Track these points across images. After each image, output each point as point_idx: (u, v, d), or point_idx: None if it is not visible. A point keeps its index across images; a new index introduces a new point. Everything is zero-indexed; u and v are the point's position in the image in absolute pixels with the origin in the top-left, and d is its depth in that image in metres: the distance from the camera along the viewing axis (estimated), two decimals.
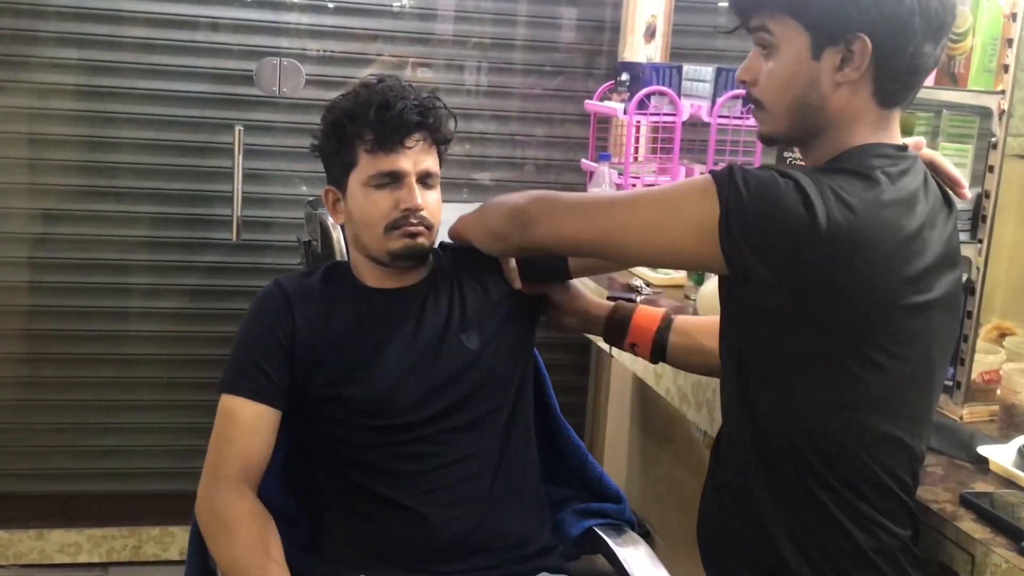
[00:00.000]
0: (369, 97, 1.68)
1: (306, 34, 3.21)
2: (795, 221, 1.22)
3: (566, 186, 3.38)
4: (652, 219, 1.35)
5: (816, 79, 1.31)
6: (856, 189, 1.25)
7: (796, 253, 1.23)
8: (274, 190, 3.25)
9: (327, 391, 1.69)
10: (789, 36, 1.31)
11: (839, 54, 1.29)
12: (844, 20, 1.27)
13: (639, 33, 3.21)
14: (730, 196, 1.25)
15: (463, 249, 1.80)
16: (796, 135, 1.38)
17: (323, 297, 1.74)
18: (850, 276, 1.24)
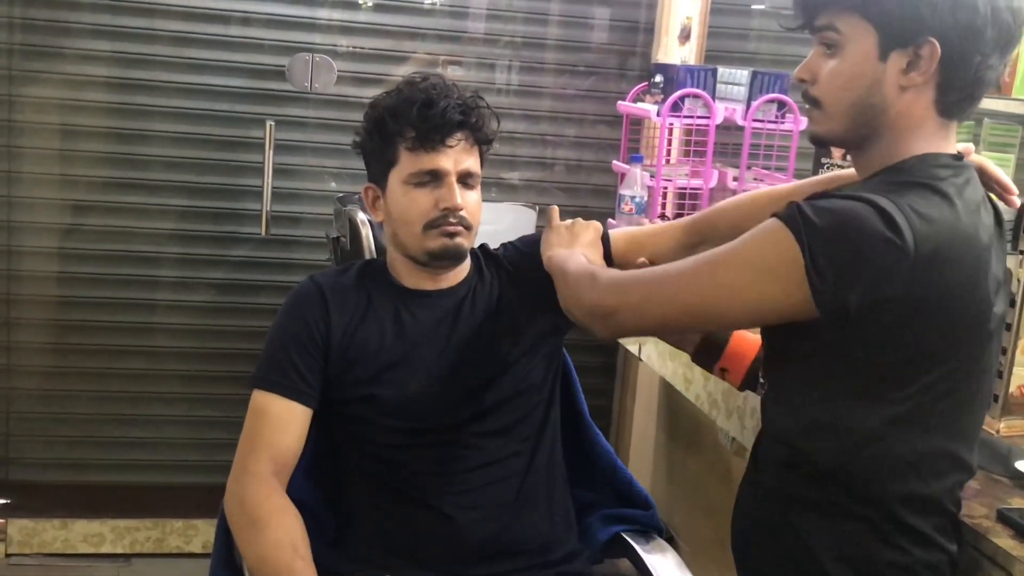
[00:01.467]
0: (412, 95, 1.67)
1: (338, 30, 3.21)
2: (883, 245, 1.18)
3: (596, 188, 3.37)
4: (733, 280, 1.28)
5: (880, 80, 1.28)
6: (932, 204, 1.22)
7: (888, 277, 1.19)
8: (304, 186, 3.24)
9: (358, 391, 1.68)
10: (857, 35, 1.28)
11: (906, 57, 1.26)
12: (916, 22, 1.24)
13: (673, 35, 3.19)
14: (806, 231, 1.20)
15: (502, 253, 1.79)
16: (851, 138, 1.35)
17: (358, 296, 1.73)
18: (939, 295, 1.21)
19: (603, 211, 3.15)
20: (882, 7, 1.26)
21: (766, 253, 1.24)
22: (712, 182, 2.79)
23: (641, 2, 3.31)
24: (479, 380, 1.69)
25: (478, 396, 1.69)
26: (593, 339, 2.97)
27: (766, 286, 1.24)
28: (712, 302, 1.30)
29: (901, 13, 1.24)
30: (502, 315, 1.74)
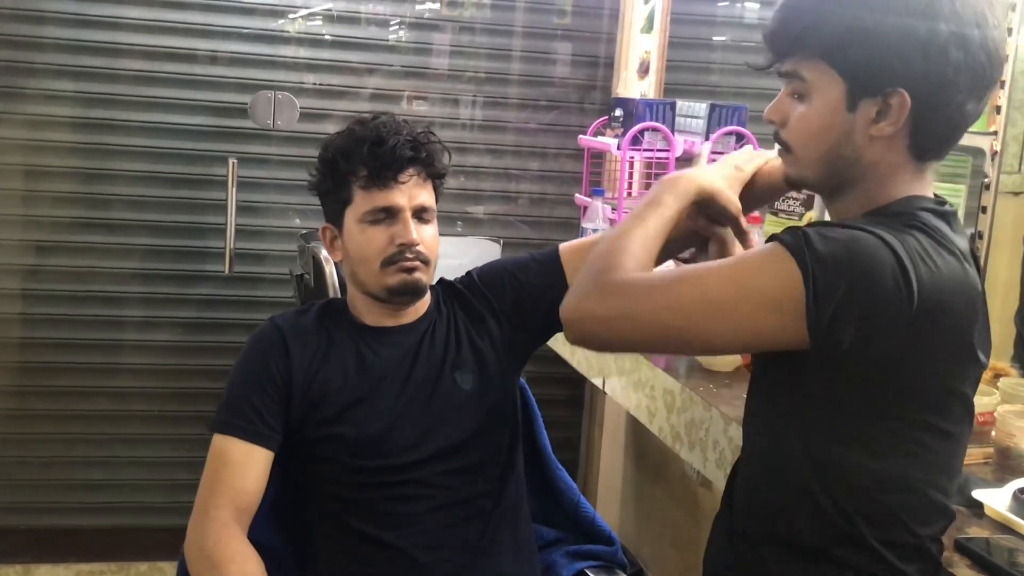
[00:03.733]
0: (362, 134, 1.69)
1: (302, 67, 3.22)
2: (891, 288, 1.13)
3: (560, 221, 3.39)
4: (728, 305, 1.19)
5: (850, 131, 1.23)
6: (935, 251, 1.18)
7: (889, 324, 1.14)
8: (268, 223, 3.25)
9: (320, 431, 1.68)
10: (824, 84, 1.23)
11: (875, 107, 1.21)
12: (884, 73, 1.19)
13: (633, 69, 3.23)
14: (812, 263, 1.13)
15: (460, 286, 1.80)
16: (825, 185, 1.30)
17: (319, 336, 1.73)
18: (939, 342, 1.18)
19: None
20: (849, 57, 1.20)
21: (766, 282, 1.17)
22: None
23: (601, 37, 3.36)
24: (439, 415, 1.69)
25: (439, 433, 1.69)
26: (559, 371, 2.98)
27: (764, 316, 1.17)
28: (700, 324, 1.21)
29: (869, 63, 1.19)
30: (462, 349, 1.75)
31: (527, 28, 3.37)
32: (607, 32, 3.34)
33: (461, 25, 3.34)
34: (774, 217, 2.12)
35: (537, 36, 3.38)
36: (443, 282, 1.83)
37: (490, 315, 1.76)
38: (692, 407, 2.02)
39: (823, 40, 1.21)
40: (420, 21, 3.32)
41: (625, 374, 2.33)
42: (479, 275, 1.82)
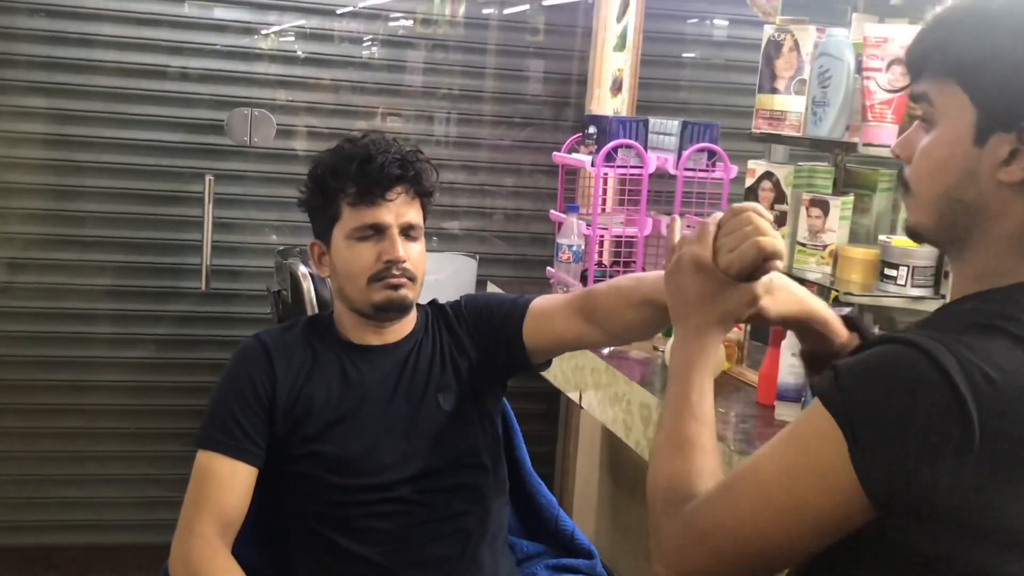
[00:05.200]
0: (352, 151, 1.71)
1: (277, 84, 3.24)
2: (938, 419, 0.91)
3: (535, 236, 3.42)
4: (780, 493, 1.00)
5: (975, 170, 1.01)
6: (1006, 354, 0.94)
7: (954, 459, 0.92)
8: (244, 239, 3.25)
9: (305, 448, 1.69)
10: (952, 109, 1.02)
11: (1009, 145, 0.98)
12: (1022, 101, 0.98)
13: (606, 86, 3.27)
14: (846, 406, 0.94)
15: (448, 309, 1.82)
16: (943, 237, 1.07)
17: (304, 352, 1.74)
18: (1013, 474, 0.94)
19: (542, 259, 3.21)
20: (983, 79, 1.00)
21: (813, 452, 0.97)
22: (647, 230, 2.85)
23: (574, 55, 3.40)
24: (422, 435, 1.71)
25: (421, 453, 1.70)
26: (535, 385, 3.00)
27: (823, 496, 0.96)
28: (775, 534, 1.00)
29: (1005, 88, 0.98)
30: (446, 370, 1.76)
31: (500, 46, 3.41)
32: (580, 50, 3.38)
33: (435, 42, 3.37)
34: None
35: (511, 54, 3.41)
36: (434, 304, 1.85)
37: (468, 340, 1.79)
38: None
39: (956, 57, 1.02)
40: (394, 38, 3.35)
41: (602, 388, 2.36)
42: (466, 301, 1.84)
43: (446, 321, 1.81)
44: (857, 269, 1.96)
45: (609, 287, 1.70)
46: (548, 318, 1.74)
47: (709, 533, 1.04)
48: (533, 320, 1.75)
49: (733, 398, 2.13)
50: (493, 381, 1.80)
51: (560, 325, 1.73)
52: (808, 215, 2.01)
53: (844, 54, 1.94)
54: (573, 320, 1.71)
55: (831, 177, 2.13)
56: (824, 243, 1.99)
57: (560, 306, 1.75)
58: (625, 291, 1.66)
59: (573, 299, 1.74)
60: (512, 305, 1.79)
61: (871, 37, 1.89)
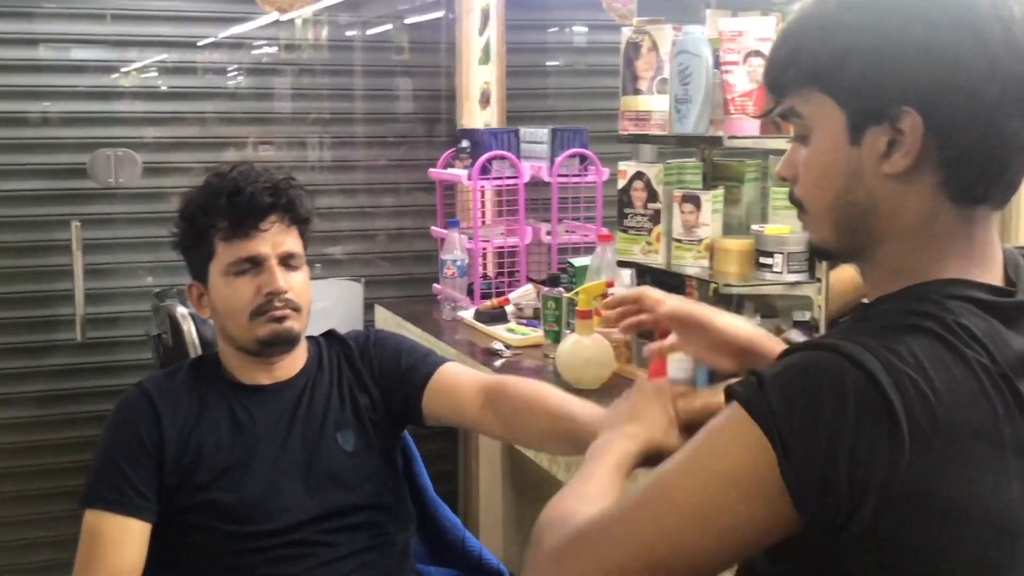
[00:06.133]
0: (220, 185, 1.66)
1: (142, 122, 3.15)
2: (870, 430, 0.87)
3: (419, 254, 3.40)
4: (698, 502, 0.94)
5: (858, 170, 0.98)
6: (932, 361, 0.90)
7: (883, 469, 0.88)
8: (118, 284, 3.15)
9: (195, 498, 1.62)
10: (821, 117, 0.99)
11: (884, 136, 0.95)
12: (887, 91, 0.94)
13: (475, 100, 3.27)
14: (775, 414, 0.89)
15: (351, 341, 1.78)
16: (847, 247, 1.03)
17: (190, 397, 1.68)
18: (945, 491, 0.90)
19: (428, 277, 3.19)
20: (843, 77, 0.97)
21: (734, 460, 0.92)
22: (527, 238, 2.87)
23: (440, 71, 3.40)
24: (320, 476, 1.67)
25: (321, 494, 1.66)
26: None
27: (742, 504, 0.91)
28: (680, 544, 0.94)
29: (866, 80, 0.96)
30: (345, 407, 1.72)
31: (367, 66, 3.38)
32: (446, 65, 3.38)
33: (301, 67, 3.33)
34: (624, 234, 2.18)
35: (378, 74, 3.40)
36: (332, 335, 1.81)
37: (371, 378, 1.75)
38: None
39: (810, 64, 0.99)
40: (259, 66, 3.30)
41: None
42: (376, 338, 1.80)
43: (346, 354, 1.77)
44: (733, 260, 1.99)
45: (531, 389, 1.65)
46: (453, 392, 1.71)
47: (595, 548, 0.97)
48: (437, 387, 1.71)
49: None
50: (392, 423, 1.77)
51: (463, 403, 1.69)
52: (681, 211, 2.04)
53: (702, 50, 1.98)
54: (478, 404, 1.67)
55: (700, 172, 2.17)
56: (699, 237, 2.02)
57: (469, 384, 1.70)
58: (546, 401, 1.61)
59: (486, 384, 1.70)
60: (421, 362, 1.75)
61: (726, 31, 1.94)
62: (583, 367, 2.18)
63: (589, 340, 2.18)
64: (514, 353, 2.50)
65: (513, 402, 1.64)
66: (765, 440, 0.89)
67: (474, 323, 2.73)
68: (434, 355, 1.78)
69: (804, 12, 1.01)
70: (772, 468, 0.89)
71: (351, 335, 1.82)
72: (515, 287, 2.85)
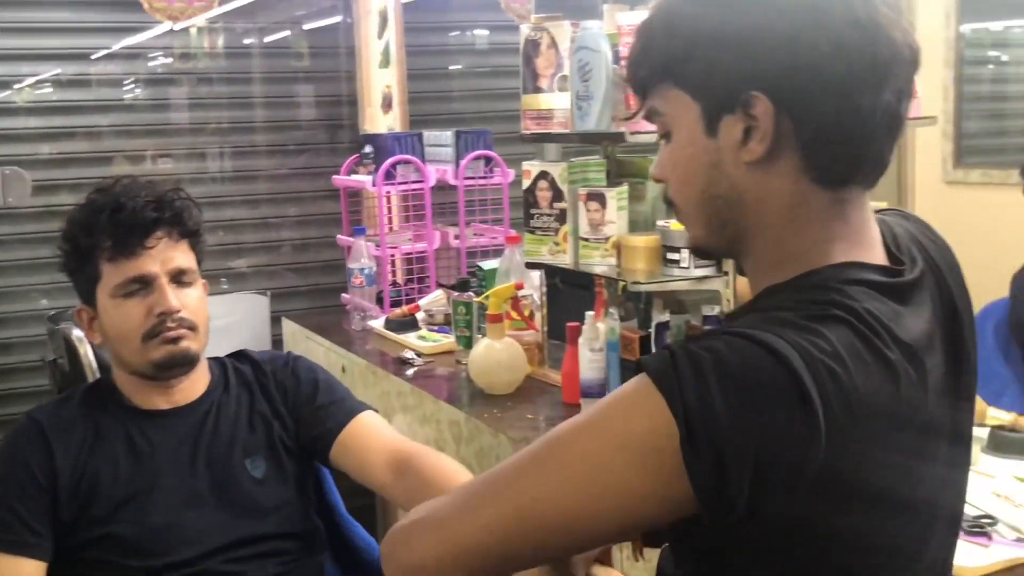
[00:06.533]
0: (102, 202, 1.58)
1: (32, 138, 3.04)
2: (785, 429, 0.85)
3: (326, 264, 3.33)
4: (587, 468, 0.89)
5: (717, 161, 0.96)
6: (851, 354, 0.88)
7: (794, 473, 0.86)
8: (11, 308, 3.03)
9: (94, 532, 1.53)
10: (679, 111, 0.98)
11: (740, 124, 0.94)
12: (735, 77, 0.93)
13: (377, 104, 3.22)
14: (684, 393, 0.85)
15: (265, 364, 1.70)
16: (722, 244, 1.02)
17: (85, 426, 1.59)
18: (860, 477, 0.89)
19: (336, 287, 3.13)
20: (692, 67, 0.96)
21: (635, 428, 0.87)
22: (436, 243, 2.82)
23: (341, 76, 3.34)
24: (229, 505, 1.59)
25: (230, 523, 1.58)
26: None
27: (631, 469, 0.87)
28: (556, 507, 0.90)
29: (714, 69, 0.94)
30: (256, 431, 1.64)
31: (266, 73, 3.32)
32: (346, 70, 3.33)
33: (198, 77, 3.24)
34: (531, 235, 2.15)
35: (277, 81, 3.33)
36: (243, 356, 1.74)
37: (283, 403, 1.68)
38: (479, 435, 2.01)
39: (661, 60, 0.98)
40: (155, 77, 3.21)
41: (409, 410, 2.31)
42: (295, 362, 1.72)
43: (258, 377, 1.69)
44: (641, 257, 1.97)
45: (447, 471, 1.56)
46: (363, 451, 1.63)
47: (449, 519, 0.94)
48: (348, 441, 1.64)
49: (540, 401, 2.12)
50: (302, 452, 1.70)
51: (370, 466, 1.61)
52: (587, 209, 2.02)
53: (600, 46, 1.95)
54: (387, 471, 1.59)
55: (604, 169, 2.14)
56: (606, 235, 2.00)
57: (380, 447, 1.63)
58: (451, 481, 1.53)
59: (398, 452, 1.61)
60: (337, 406, 1.67)
61: (624, 26, 1.91)
62: (495, 371, 2.15)
63: (501, 344, 2.14)
64: (426, 361, 2.46)
65: (422, 477, 1.55)
66: (668, 412, 0.85)
67: (385, 332, 2.68)
68: (351, 399, 1.71)
69: (653, 9, 1.00)
70: (672, 441, 0.85)
71: (265, 356, 1.74)
72: (425, 293, 2.81)
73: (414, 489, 1.52)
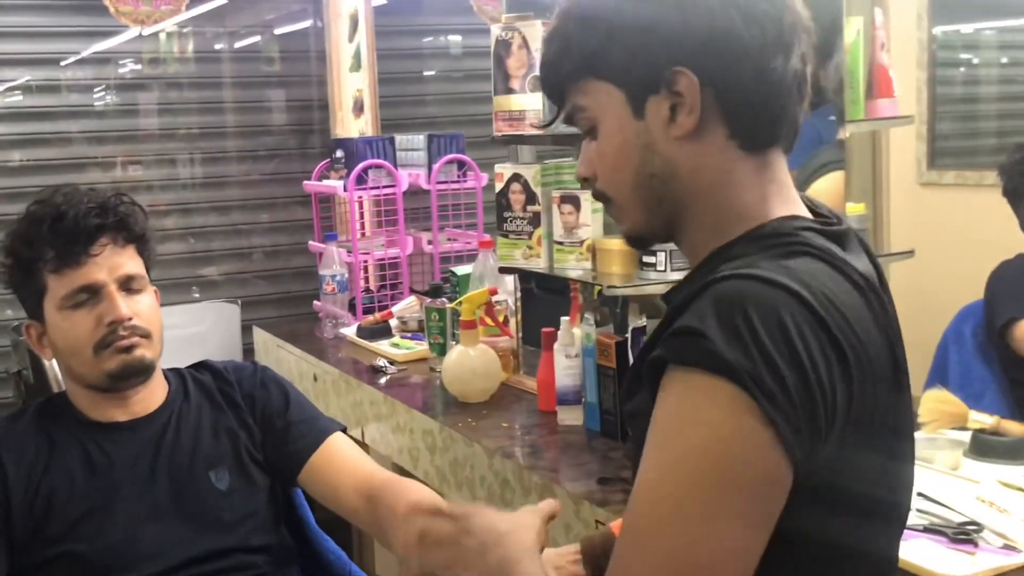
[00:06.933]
0: (42, 212, 1.53)
1: (5, 144, 2.99)
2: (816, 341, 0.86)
3: (297, 271, 3.29)
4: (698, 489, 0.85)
5: (649, 143, 0.99)
6: (828, 278, 0.91)
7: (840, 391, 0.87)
8: None
9: (51, 551, 1.48)
10: (603, 102, 1.01)
11: (666, 102, 0.97)
12: (655, 58, 0.97)
13: (348, 108, 3.18)
14: (734, 358, 0.84)
15: (229, 373, 1.65)
16: (660, 226, 1.03)
17: (38, 441, 1.54)
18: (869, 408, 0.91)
19: (308, 294, 3.08)
20: (612, 56, 0.99)
21: (711, 424, 0.85)
22: (409, 249, 2.78)
23: (311, 80, 3.30)
24: (192, 518, 1.54)
25: (193, 537, 1.52)
26: None
27: (743, 466, 0.84)
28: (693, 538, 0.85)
29: (635, 54, 0.97)
30: (220, 442, 1.59)
31: (236, 78, 3.28)
32: (317, 75, 3.29)
33: (167, 82, 3.20)
34: (504, 239, 2.12)
35: (248, 86, 3.29)
36: (205, 366, 1.69)
37: (250, 414, 1.63)
38: (454, 445, 1.97)
39: (579, 55, 1.01)
40: (124, 82, 3.17)
41: (383, 419, 2.27)
42: (264, 373, 1.67)
43: (221, 387, 1.64)
44: (616, 260, 1.94)
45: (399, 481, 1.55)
46: (333, 477, 1.59)
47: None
48: (319, 465, 1.60)
49: (515, 409, 2.08)
50: (269, 464, 1.66)
51: (341, 492, 1.57)
52: (561, 212, 1.98)
53: None
54: (357, 495, 1.55)
55: None
56: (580, 238, 1.97)
57: (352, 472, 1.58)
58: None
59: (373, 478, 1.57)
60: (308, 425, 1.62)
61: None
62: (470, 379, 2.11)
63: (475, 351, 2.11)
64: (399, 369, 2.41)
65: (393, 509, 1.48)
66: (733, 388, 0.83)
67: (357, 340, 2.63)
68: (321, 418, 1.66)
69: (561, 14, 1.03)
70: (754, 414, 0.83)
71: (229, 365, 1.70)
72: (398, 300, 2.77)
73: (384, 519, 1.48)
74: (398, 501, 1.48)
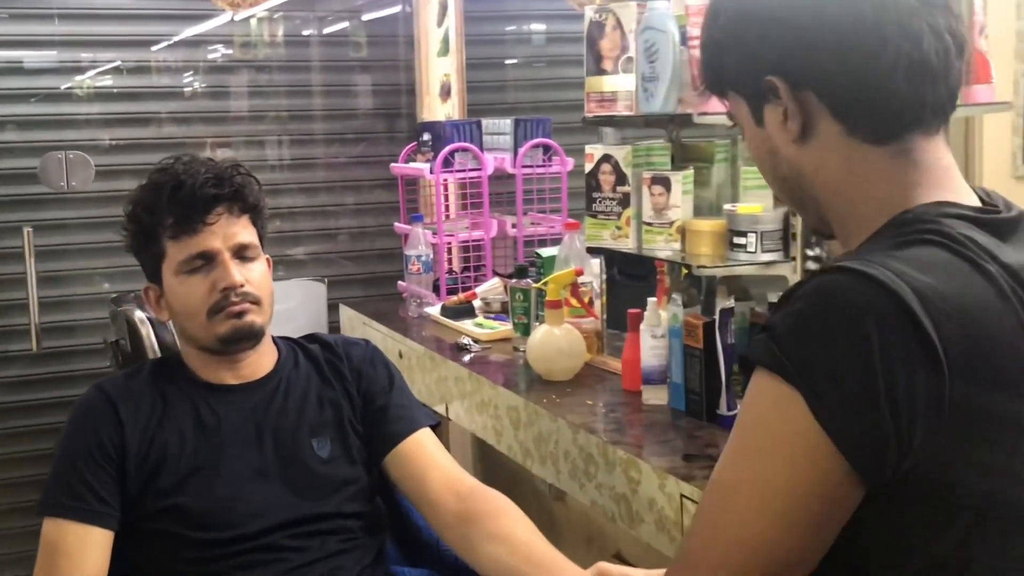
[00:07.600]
0: (162, 181, 1.60)
1: (96, 124, 3.08)
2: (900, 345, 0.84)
3: (382, 252, 3.34)
4: (760, 486, 0.87)
5: (773, 147, 1.02)
6: (937, 264, 0.88)
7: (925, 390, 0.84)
8: (74, 291, 3.07)
9: (161, 503, 1.55)
10: (740, 112, 1.06)
11: (776, 108, 1.00)
12: (752, 69, 1.00)
13: (435, 93, 3.22)
14: (795, 361, 0.85)
15: (339, 347, 1.71)
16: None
17: (153, 398, 1.61)
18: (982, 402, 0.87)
19: (392, 275, 3.13)
20: (728, 71, 1.04)
21: (769, 424, 0.88)
22: (493, 231, 2.81)
23: (399, 64, 3.34)
24: (293, 482, 1.59)
25: (293, 499, 1.58)
26: None
27: (789, 468, 0.86)
28: (773, 545, 0.87)
29: (739, 67, 1.02)
30: (324, 411, 1.65)
31: (325, 62, 3.34)
32: (405, 59, 3.33)
33: (257, 66, 3.27)
34: (593, 219, 2.13)
35: (336, 70, 3.35)
36: (316, 338, 1.74)
37: (356, 388, 1.68)
38: (538, 420, 2.00)
39: (710, 70, 1.07)
40: (214, 65, 3.24)
41: (467, 396, 2.30)
42: (375, 353, 1.73)
43: (330, 358, 1.70)
44: (706, 242, 1.95)
45: (505, 518, 1.57)
46: (423, 464, 1.64)
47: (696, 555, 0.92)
48: (404, 456, 1.65)
49: (599, 388, 2.09)
50: (380, 409, 1.69)
51: (429, 479, 1.62)
52: (651, 193, 2.00)
53: (668, 26, 1.93)
54: (446, 488, 1.61)
55: (668, 153, 2.12)
56: (670, 220, 1.98)
57: (444, 469, 1.64)
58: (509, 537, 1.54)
59: (465, 479, 1.63)
60: (404, 410, 1.68)
61: (692, 6, 1.88)
62: (555, 358, 2.13)
63: (560, 330, 2.13)
64: (483, 347, 2.44)
65: (485, 522, 1.56)
66: (790, 389, 0.85)
67: (441, 319, 2.67)
68: (419, 409, 1.71)
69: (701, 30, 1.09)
70: (807, 417, 0.84)
71: (339, 339, 1.75)
72: (481, 281, 2.80)
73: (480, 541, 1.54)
74: (495, 513, 1.56)
